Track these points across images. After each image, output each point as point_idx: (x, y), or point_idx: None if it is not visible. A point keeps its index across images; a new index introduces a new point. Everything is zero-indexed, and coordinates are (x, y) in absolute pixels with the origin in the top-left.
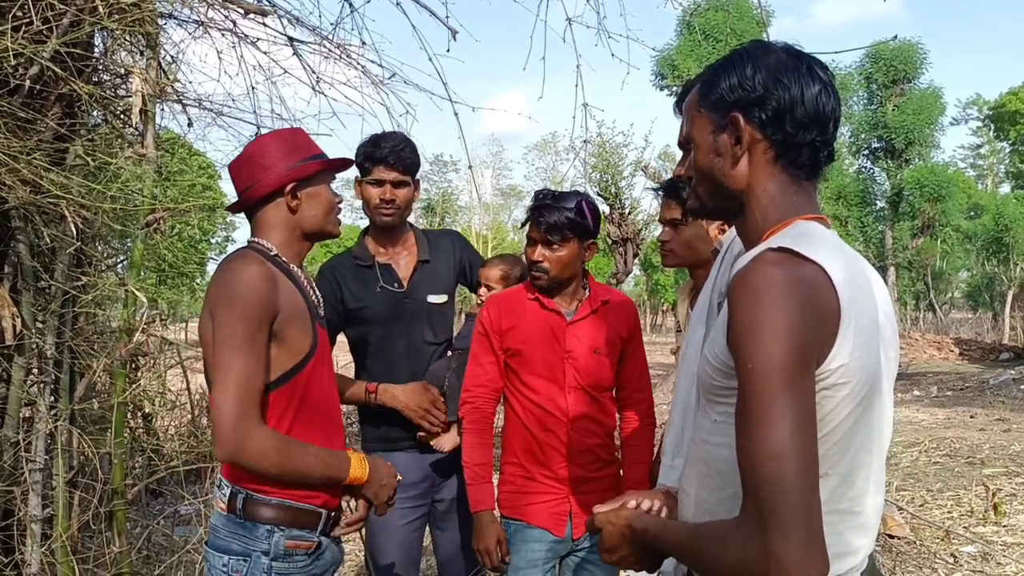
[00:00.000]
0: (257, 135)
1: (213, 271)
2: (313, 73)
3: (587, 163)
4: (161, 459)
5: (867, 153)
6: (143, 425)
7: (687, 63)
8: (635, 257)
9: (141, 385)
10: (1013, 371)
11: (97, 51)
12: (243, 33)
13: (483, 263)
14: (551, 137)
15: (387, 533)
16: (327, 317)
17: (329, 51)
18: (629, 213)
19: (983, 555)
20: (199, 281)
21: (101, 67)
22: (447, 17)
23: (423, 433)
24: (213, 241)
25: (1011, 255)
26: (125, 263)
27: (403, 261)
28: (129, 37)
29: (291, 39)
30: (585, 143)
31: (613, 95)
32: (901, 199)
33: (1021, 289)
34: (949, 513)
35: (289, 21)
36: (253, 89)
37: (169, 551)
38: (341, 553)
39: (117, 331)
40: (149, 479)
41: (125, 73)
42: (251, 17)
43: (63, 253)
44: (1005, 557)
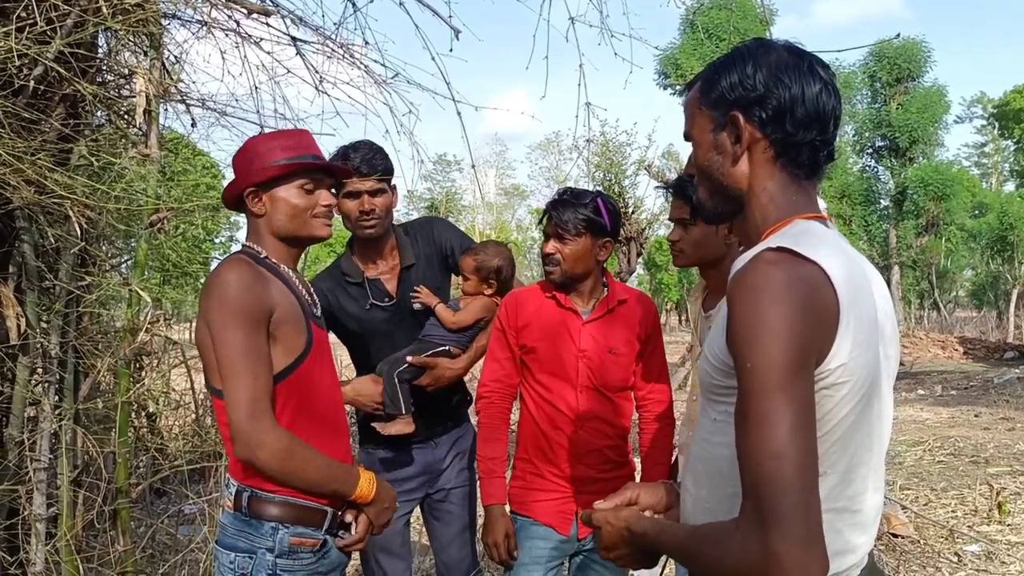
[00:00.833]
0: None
1: (205, 279)
2: (316, 73)
3: (590, 162)
4: (165, 458)
5: (871, 152)
6: (147, 424)
7: (690, 62)
8: (638, 256)
9: (145, 384)
10: (1017, 370)
11: (101, 51)
12: (246, 33)
13: (468, 248)
14: (554, 136)
15: None
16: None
17: (332, 51)
18: (632, 212)
19: (987, 554)
20: (203, 281)
21: (105, 67)
22: (450, 16)
23: (376, 423)
24: (217, 241)
25: (1016, 254)
26: (129, 263)
27: (390, 272)
28: (133, 37)
29: (294, 39)
30: (588, 142)
31: (616, 94)
32: (905, 198)
33: None
34: (953, 512)
35: (292, 21)
36: (256, 89)
37: (173, 550)
38: (348, 553)
39: (121, 331)
40: (153, 478)
41: (129, 73)
42: (254, 17)
43: (67, 253)
44: (1009, 556)
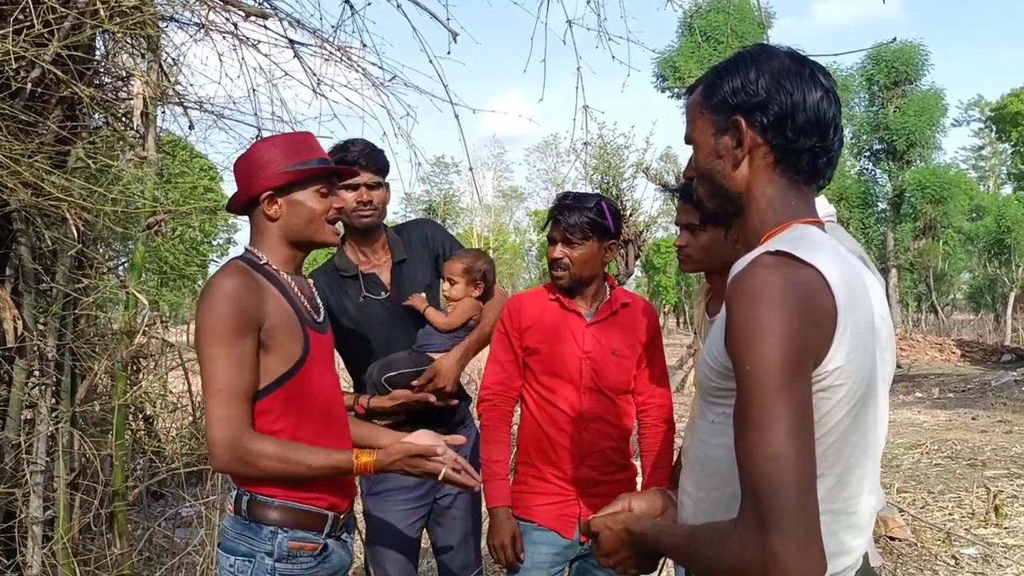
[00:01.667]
0: (258, 137)
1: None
2: (314, 75)
3: (588, 165)
4: (162, 461)
5: (868, 155)
6: (144, 427)
7: (688, 65)
8: (636, 259)
9: (142, 387)
10: (1015, 373)
11: (98, 54)
12: (244, 36)
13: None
14: (552, 139)
15: (387, 534)
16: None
17: (330, 53)
18: (630, 215)
19: (984, 557)
20: (200, 283)
21: (102, 70)
22: (448, 19)
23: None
24: (215, 243)
25: (1013, 257)
26: (126, 265)
27: (383, 266)
28: (130, 40)
29: (292, 41)
30: (586, 145)
31: (614, 97)
32: (903, 201)
33: (1023, 291)
34: (950, 515)
35: (290, 23)
36: (254, 91)
37: (170, 553)
38: (350, 557)
39: (118, 333)
40: (150, 481)
41: (126, 76)
42: (252, 20)
43: (64, 255)
44: (1006, 559)
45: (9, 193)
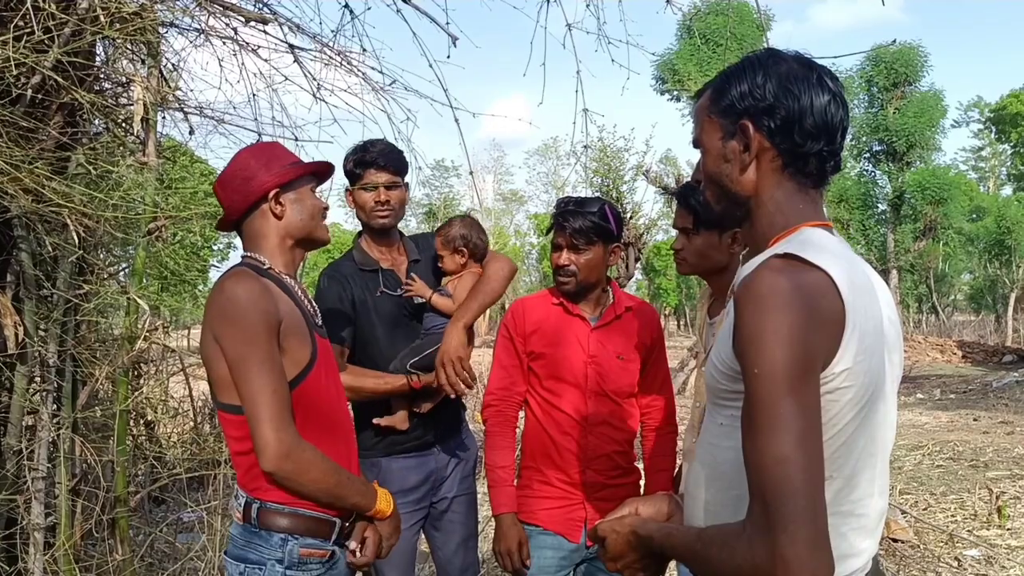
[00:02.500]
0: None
1: (210, 291)
2: (314, 80)
3: (588, 168)
4: (164, 466)
5: (868, 156)
6: (146, 432)
7: (687, 67)
8: (637, 261)
9: (143, 393)
10: (1016, 373)
11: (99, 60)
12: (244, 41)
13: None
14: (552, 142)
15: None
16: (338, 320)
17: (330, 58)
18: (631, 217)
19: (987, 559)
20: (201, 288)
21: (103, 76)
22: (447, 23)
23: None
24: (215, 248)
25: (1013, 257)
26: (127, 271)
27: (401, 265)
28: (130, 46)
29: (292, 46)
30: (586, 148)
31: (614, 100)
32: (903, 202)
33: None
34: (953, 516)
35: (290, 28)
36: (254, 96)
37: (172, 558)
38: (353, 569)
39: (119, 339)
40: (152, 486)
41: (127, 81)
42: (252, 25)
43: (65, 261)
44: (1009, 560)
45: (10, 199)
